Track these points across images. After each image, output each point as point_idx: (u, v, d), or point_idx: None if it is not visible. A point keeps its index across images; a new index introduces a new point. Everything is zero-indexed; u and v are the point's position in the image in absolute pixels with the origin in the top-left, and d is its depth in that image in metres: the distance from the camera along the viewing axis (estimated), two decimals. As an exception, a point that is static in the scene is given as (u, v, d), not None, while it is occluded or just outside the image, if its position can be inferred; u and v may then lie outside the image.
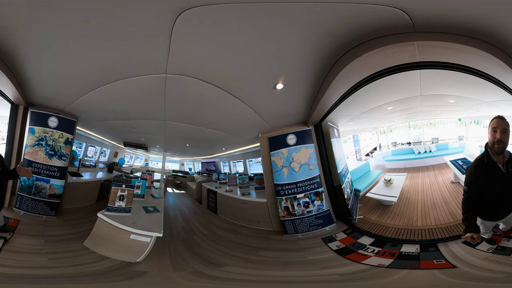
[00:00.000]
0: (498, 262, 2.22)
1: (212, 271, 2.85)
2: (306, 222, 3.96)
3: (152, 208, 3.80)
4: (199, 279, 2.66)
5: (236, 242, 4.03)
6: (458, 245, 2.63)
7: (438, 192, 4.26)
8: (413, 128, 5.88)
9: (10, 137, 3.64)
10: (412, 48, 2.25)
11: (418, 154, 5.35)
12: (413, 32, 2.09)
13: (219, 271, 2.88)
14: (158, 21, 1.97)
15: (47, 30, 2.08)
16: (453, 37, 2.08)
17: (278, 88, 3.01)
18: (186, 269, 2.90)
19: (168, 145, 6.75)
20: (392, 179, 4.57)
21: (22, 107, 3.65)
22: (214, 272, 2.85)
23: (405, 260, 2.69)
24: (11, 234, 2.86)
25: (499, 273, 2.10)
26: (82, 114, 4.16)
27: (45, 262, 2.55)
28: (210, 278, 2.70)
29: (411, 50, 2.29)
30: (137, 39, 2.18)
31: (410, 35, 2.11)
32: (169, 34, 2.08)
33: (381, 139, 5.88)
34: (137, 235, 2.89)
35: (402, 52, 2.33)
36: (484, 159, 2.18)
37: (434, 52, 2.29)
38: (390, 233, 3.45)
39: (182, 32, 2.07)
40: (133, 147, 7.19)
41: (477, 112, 4.67)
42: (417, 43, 2.17)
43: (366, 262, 2.77)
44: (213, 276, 2.73)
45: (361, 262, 2.78)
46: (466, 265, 2.33)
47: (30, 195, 3.60)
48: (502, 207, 2.25)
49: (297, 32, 2.16)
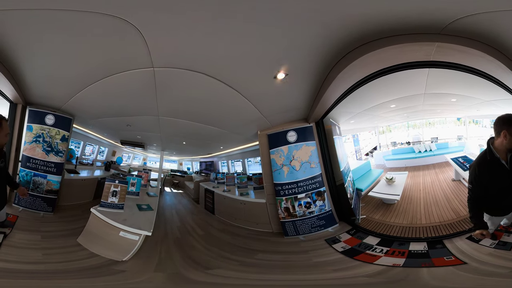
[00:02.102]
0: (501, 257, 2.25)
1: (196, 274, 2.74)
2: (307, 223, 3.83)
3: (145, 206, 3.73)
4: (179, 282, 2.56)
5: (232, 244, 3.90)
6: (462, 241, 2.67)
7: (440, 190, 4.27)
8: (412, 128, 5.90)
9: (9, 134, 3.75)
10: (431, 48, 2.32)
11: (418, 153, 5.35)
12: (438, 34, 2.16)
13: (205, 274, 2.76)
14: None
15: (39, 34, 2.27)
16: (466, 41, 2.18)
17: (279, 78, 2.84)
18: (166, 271, 2.78)
19: (165, 143, 6.65)
20: (394, 177, 4.55)
21: (20, 105, 3.80)
22: (198, 275, 2.73)
23: (417, 259, 2.65)
24: (10, 229, 2.92)
25: (504, 268, 2.12)
26: (78, 112, 4.24)
27: (39, 257, 2.59)
28: (189, 282, 2.59)
29: (429, 50, 2.35)
30: (113, 37, 2.26)
31: (434, 36, 2.18)
32: (142, 26, 2.09)
33: (381, 139, 5.88)
34: (126, 233, 2.84)
35: (420, 50, 2.37)
36: (487, 156, 2.15)
37: (448, 53, 2.37)
38: (396, 231, 3.42)
39: (156, 22, 2.06)
40: (130, 146, 7.11)
41: (477, 111, 4.70)
42: (437, 44, 2.24)
43: (379, 262, 2.70)
44: (193, 280, 2.62)
45: (374, 263, 2.70)
46: (474, 261, 2.34)
47: (28, 190, 3.69)
48: (507, 203, 2.24)
49: (305, 18, 2.04)
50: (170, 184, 8.31)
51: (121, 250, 2.84)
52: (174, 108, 3.91)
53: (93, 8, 1.92)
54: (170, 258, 3.16)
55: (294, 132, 3.98)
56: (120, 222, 2.90)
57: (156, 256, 3.12)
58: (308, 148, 3.97)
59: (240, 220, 4.73)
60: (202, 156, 8.00)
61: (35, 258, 2.53)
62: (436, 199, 4.01)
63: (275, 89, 3.07)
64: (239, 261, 3.16)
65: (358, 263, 2.79)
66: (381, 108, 4.53)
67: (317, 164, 3.96)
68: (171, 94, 3.42)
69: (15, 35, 2.32)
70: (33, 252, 2.63)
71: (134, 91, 3.36)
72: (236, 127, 4.59)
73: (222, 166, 7.53)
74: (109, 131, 6.09)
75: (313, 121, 3.98)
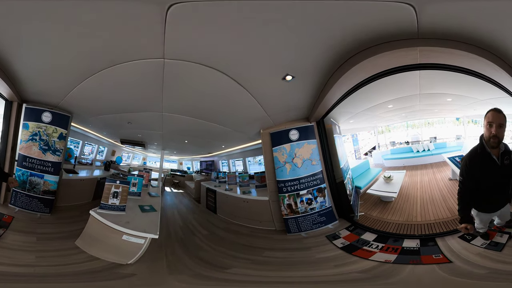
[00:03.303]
0: (488, 257, 2.27)
1: (217, 274, 2.75)
2: (309, 220, 3.94)
3: (148, 207, 3.63)
4: (202, 282, 2.54)
5: (238, 242, 3.92)
6: (454, 240, 2.72)
7: (437, 189, 4.34)
8: (411, 127, 5.99)
9: (4, 133, 3.67)
10: (415, 52, 2.48)
11: (417, 152, 5.43)
12: (416, 38, 2.29)
13: (225, 273, 2.78)
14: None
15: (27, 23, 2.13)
16: (446, 42, 2.31)
17: (287, 79, 2.95)
18: (185, 272, 2.75)
19: (166, 141, 6.60)
20: (391, 176, 4.63)
21: (16, 103, 3.70)
22: (220, 274, 2.74)
23: (408, 256, 2.74)
24: (4, 230, 2.84)
25: (484, 268, 2.14)
26: (76, 109, 4.11)
27: (32, 260, 2.50)
28: (215, 280, 2.60)
29: (414, 54, 2.50)
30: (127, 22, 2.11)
31: (413, 41, 2.34)
32: (165, 15, 1.98)
33: (380, 139, 5.95)
34: (129, 236, 2.70)
35: (407, 55, 2.53)
36: (478, 150, 2.19)
37: (433, 55, 2.53)
38: (392, 228, 3.49)
39: (181, 15, 2.01)
40: (130, 145, 7.08)
41: (474, 110, 4.78)
42: (419, 48, 2.41)
43: (373, 258, 2.79)
44: (219, 278, 2.63)
45: (368, 259, 2.79)
46: (460, 260, 2.38)
47: (25, 191, 3.58)
48: (495, 199, 2.28)
49: (315, 28, 2.20)
50: (171, 184, 8.30)
51: (124, 253, 2.72)
52: (179, 103, 3.84)
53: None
54: (179, 261, 3.09)
55: (296, 131, 4.09)
56: (123, 225, 2.76)
57: (163, 258, 3.04)
58: (309, 146, 4.08)
59: (242, 218, 4.77)
60: (202, 155, 8.02)
61: (26, 261, 2.43)
62: (432, 198, 4.08)
63: (282, 90, 3.17)
64: (250, 260, 3.18)
65: (355, 258, 2.89)
66: (379, 108, 4.62)
67: (318, 162, 4.08)
68: (177, 89, 3.32)
69: (2, 26, 2.17)
70: (26, 255, 2.54)
71: (138, 84, 3.19)
72: (240, 125, 4.63)
73: (223, 166, 7.56)
74: (108, 129, 6.04)
75: (314, 120, 4.09)
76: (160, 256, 3.07)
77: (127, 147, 7.50)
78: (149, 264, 2.76)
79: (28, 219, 3.39)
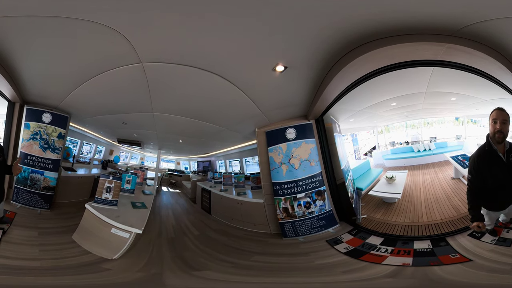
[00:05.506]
0: (502, 253, 2.29)
1: (183, 274, 2.69)
2: (307, 224, 3.74)
3: (140, 204, 3.71)
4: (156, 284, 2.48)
5: (227, 245, 3.81)
6: (464, 238, 2.68)
7: (440, 188, 4.27)
8: (411, 128, 5.90)
9: (7, 132, 3.95)
10: (440, 48, 2.37)
11: (417, 152, 5.34)
12: (450, 35, 2.21)
13: (189, 275, 2.69)
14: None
15: (33, 37, 2.49)
16: (474, 44, 2.27)
17: (278, 71, 2.70)
18: (150, 271, 2.72)
19: (161, 141, 6.58)
20: (394, 176, 4.52)
21: (18, 104, 3.96)
22: (182, 277, 2.65)
23: (423, 257, 2.62)
24: (8, 226, 2.99)
25: (504, 264, 2.14)
26: (74, 110, 4.33)
27: (36, 253, 2.65)
28: (164, 286, 2.51)
29: (438, 50, 2.40)
30: (97, 39, 2.40)
31: (446, 37, 2.25)
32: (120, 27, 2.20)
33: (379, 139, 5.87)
34: (117, 229, 2.85)
35: (430, 49, 2.42)
36: (486, 148, 2.26)
37: (455, 54, 2.43)
38: (398, 230, 3.38)
39: (135, 22, 2.14)
40: (127, 144, 7.06)
41: (476, 110, 4.72)
42: (448, 45, 2.31)
43: (387, 262, 2.64)
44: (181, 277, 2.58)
45: (382, 263, 2.64)
46: (478, 257, 2.34)
47: (26, 187, 3.82)
48: (502, 196, 2.30)
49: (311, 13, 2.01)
50: (167, 183, 8.26)
51: (112, 247, 2.83)
52: (168, 103, 3.86)
53: (77, 15, 2.13)
54: (159, 258, 3.12)
55: (293, 129, 3.90)
56: (113, 218, 2.89)
57: (146, 256, 3.08)
58: (307, 146, 3.89)
59: (237, 220, 4.64)
60: (199, 155, 7.95)
61: (32, 255, 2.59)
62: (436, 197, 4.00)
63: (274, 83, 2.97)
64: (233, 263, 3.07)
65: (364, 264, 2.72)
66: (381, 106, 4.52)
67: (317, 162, 3.88)
68: (163, 89, 3.41)
69: (12, 39, 2.53)
70: (31, 249, 2.70)
71: (126, 88, 3.40)
72: (233, 124, 4.50)
73: (220, 166, 7.46)
74: (105, 129, 6.04)
75: (312, 118, 3.89)
76: (144, 254, 3.12)
77: (125, 146, 7.47)
78: (132, 260, 2.83)
79: (29, 215, 3.56)
